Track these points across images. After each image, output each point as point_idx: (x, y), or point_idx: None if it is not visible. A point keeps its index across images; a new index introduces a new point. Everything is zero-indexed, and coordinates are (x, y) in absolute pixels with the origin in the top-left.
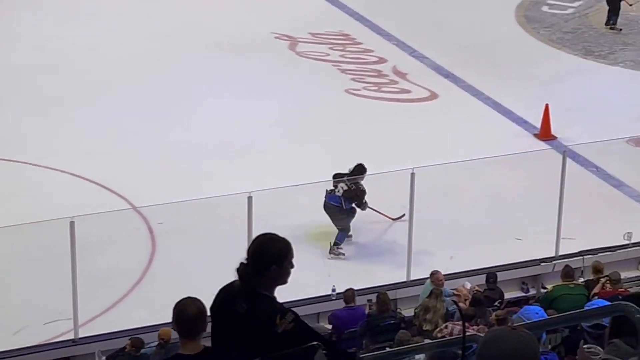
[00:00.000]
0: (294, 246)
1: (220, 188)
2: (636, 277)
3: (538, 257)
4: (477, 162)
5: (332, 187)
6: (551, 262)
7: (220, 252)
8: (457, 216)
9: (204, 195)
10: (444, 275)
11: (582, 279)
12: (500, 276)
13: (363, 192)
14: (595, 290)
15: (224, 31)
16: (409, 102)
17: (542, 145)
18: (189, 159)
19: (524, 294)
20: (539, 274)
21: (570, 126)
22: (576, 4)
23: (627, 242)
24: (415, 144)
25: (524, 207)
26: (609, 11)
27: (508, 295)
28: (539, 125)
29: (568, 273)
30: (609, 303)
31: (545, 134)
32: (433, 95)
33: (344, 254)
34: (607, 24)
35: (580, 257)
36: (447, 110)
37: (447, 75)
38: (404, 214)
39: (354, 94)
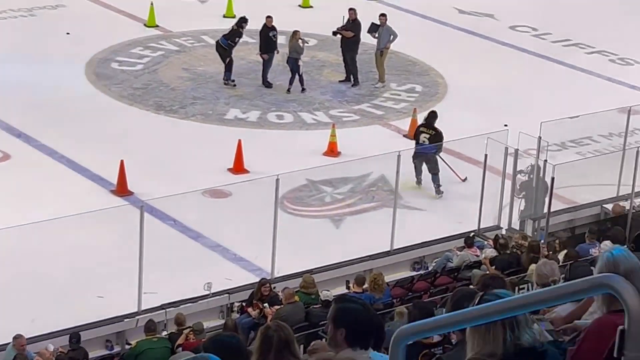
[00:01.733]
0: None
1: None
2: (218, 326)
3: (121, 314)
4: (56, 221)
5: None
6: (134, 317)
7: None
8: (37, 277)
9: None
10: (26, 339)
11: (165, 332)
12: (84, 335)
13: (441, 136)
14: (180, 341)
15: None
16: None
17: (120, 201)
18: None
19: (108, 352)
20: (123, 330)
21: (147, 181)
22: (145, 60)
23: (208, 292)
24: None
25: (105, 264)
26: (225, 67)
27: (93, 355)
28: (115, 181)
29: (150, 327)
30: (193, 354)
31: (122, 189)
32: (5, 157)
33: (442, 192)
34: (224, 78)
35: (163, 311)
36: (21, 171)
37: (19, 135)
38: (466, 177)
39: None
